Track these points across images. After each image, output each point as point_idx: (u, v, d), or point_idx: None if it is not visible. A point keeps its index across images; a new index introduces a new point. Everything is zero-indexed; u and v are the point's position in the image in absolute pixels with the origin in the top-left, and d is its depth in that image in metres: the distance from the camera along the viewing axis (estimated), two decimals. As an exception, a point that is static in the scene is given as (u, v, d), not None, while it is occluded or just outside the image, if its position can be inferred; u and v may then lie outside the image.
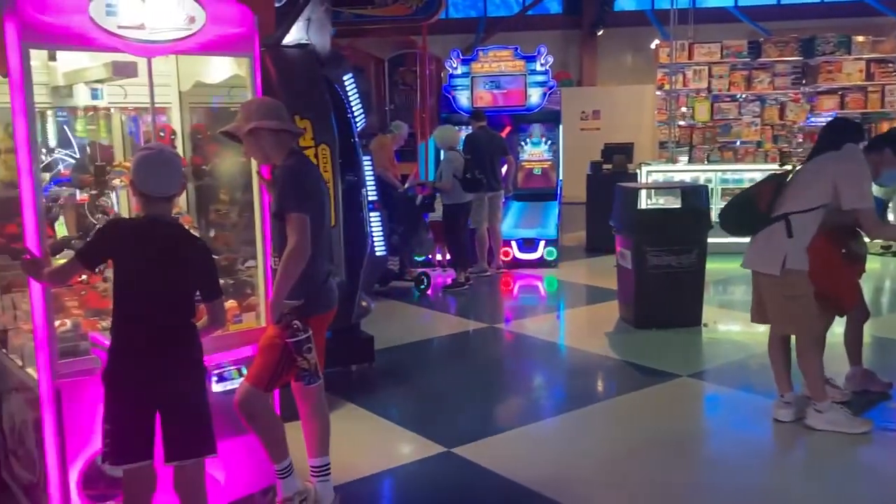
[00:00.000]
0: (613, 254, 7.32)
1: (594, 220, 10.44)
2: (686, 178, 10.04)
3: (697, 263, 6.65)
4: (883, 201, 5.41)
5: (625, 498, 3.83)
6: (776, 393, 4.62)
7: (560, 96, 10.76)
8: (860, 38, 12.64)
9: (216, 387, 3.36)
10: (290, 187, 3.21)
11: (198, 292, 2.96)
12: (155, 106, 3.50)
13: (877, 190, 4.75)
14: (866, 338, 5.10)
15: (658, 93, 13.98)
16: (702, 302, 6.79)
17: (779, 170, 5.13)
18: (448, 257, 9.17)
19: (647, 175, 10.31)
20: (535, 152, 10.69)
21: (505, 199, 9.44)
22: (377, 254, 5.98)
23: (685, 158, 11.60)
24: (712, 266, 6.90)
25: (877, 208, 4.54)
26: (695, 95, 13.17)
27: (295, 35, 4.95)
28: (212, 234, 4.04)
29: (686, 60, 12.96)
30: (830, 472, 4.06)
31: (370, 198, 5.67)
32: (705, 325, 6.71)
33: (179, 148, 3.92)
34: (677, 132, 12.42)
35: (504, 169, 9.23)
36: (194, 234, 3.26)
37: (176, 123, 3.99)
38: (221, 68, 3.68)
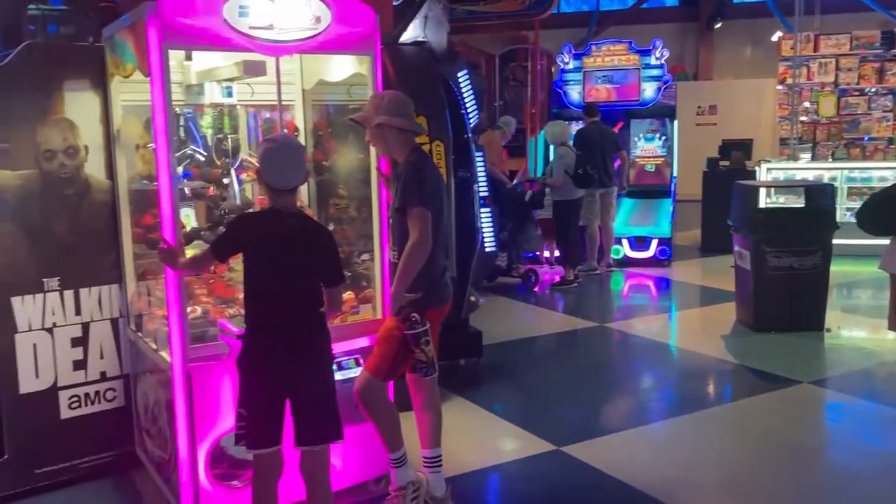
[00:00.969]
0: (730, 254, 7.08)
1: (710, 219, 10.19)
2: (809, 177, 9.61)
3: (821, 265, 6.35)
4: None
5: (741, 506, 3.72)
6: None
7: (675, 91, 10.47)
8: None
9: (335, 375, 3.45)
10: (413, 182, 3.26)
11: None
12: (281, 103, 3.62)
13: None
14: None
15: (779, 87, 13.35)
16: (825, 306, 6.48)
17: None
18: (556, 254, 9.10)
19: (767, 173, 9.89)
20: (649, 148, 10.44)
21: (617, 196, 9.28)
22: (487, 250, 6.00)
23: (807, 156, 11.07)
24: (837, 268, 6.58)
25: None
26: (819, 89, 12.51)
27: (411, 33, 5.02)
28: (330, 228, 4.16)
29: (811, 53, 12.32)
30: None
31: (481, 194, 5.69)
32: (828, 330, 6.40)
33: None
34: (800, 128, 11.85)
35: (617, 165, 9.07)
36: (318, 223, 3.36)
37: (299, 121, 4.13)
38: (343, 67, 3.78)
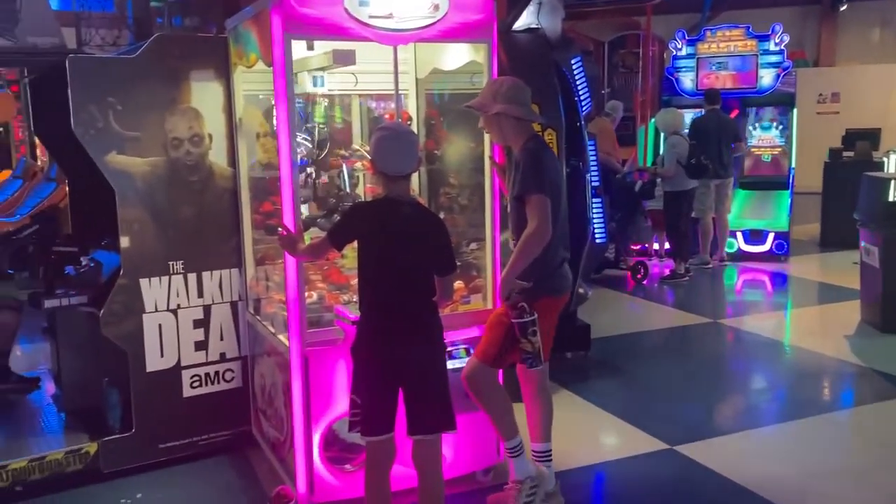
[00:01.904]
0: (852, 249, 6.71)
1: (831, 212, 9.73)
2: (945, 168, 8.97)
3: (959, 263, 5.91)
4: None
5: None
6: None
7: (795, 78, 9.96)
8: None
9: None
10: (532, 169, 3.20)
11: None
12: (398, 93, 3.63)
13: None
14: None
15: (911, 72, 12.52)
16: (964, 307, 6.04)
17: None
18: (666, 247, 8.84)
19: (897, 164, 9.30)
20: (766, 137, 9.96)
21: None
22: (597, 241, 5.88)
23: (943, 146, 10.33)
24: (978, 268, 6.09)
25: None
26: (957, 74, 11.66)
27: (525, 20, 4.96)
28: (441, 216, 4.17)
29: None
30: None
31: (593, 183, 5.58)
32: (966, 334, 5.96)
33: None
34: (934, 116, 11.07)
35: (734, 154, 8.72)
36: (432, 212, 3.36)
37: (412, 109, 4.14)
38: (458, 55, 3.75)
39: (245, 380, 4.13)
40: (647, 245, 9.10)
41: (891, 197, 6.20)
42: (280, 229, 3.20)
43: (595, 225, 5.65)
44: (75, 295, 4.08)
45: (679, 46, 10.16)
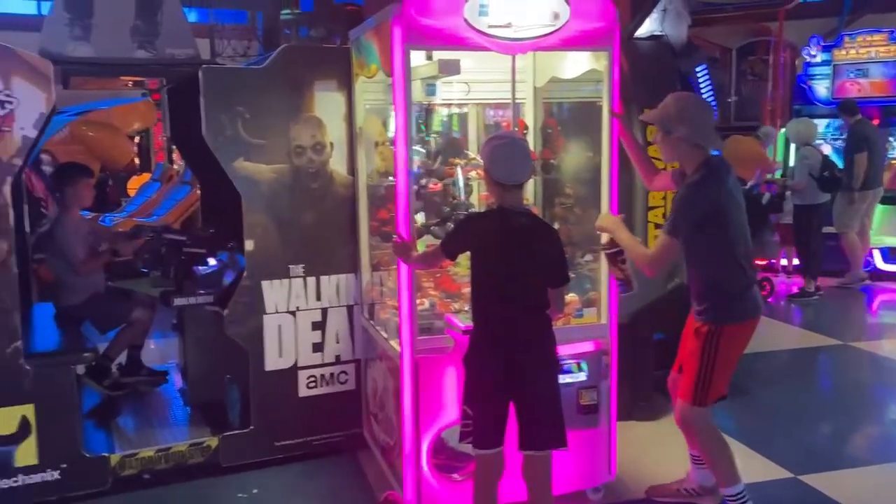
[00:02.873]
0: None
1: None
2: None
3: None
4: None
5: None
6: None
7: (944, 85, 9.29)
8: None
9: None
10: (677, 209, 3.23)
11: None
12: (514, 101, 3.61)
13: None
14: None
15: None
16: None
17: None
18: (795, 263, 8.40)
19: None
20: (909, 149, 9.35)
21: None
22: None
23: None
24: None
25: None
26: None
27: (648, 27, 4.82)
28: (555, 227, 4.11)
29: None
30: None
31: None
32: None
33: (530, 143, 4.02)
34: None
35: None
36: (545, 222, 3.31)
37: (529, 119, 4.10)
38: (578, 63, 3.69)
39: (358, 383, 4.20)
40: (774, 261, 8.67)
41: None
42: (394, 237, 3.24)
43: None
44: (202, 294, 4.27)
45: (813, 53, 9.70)
